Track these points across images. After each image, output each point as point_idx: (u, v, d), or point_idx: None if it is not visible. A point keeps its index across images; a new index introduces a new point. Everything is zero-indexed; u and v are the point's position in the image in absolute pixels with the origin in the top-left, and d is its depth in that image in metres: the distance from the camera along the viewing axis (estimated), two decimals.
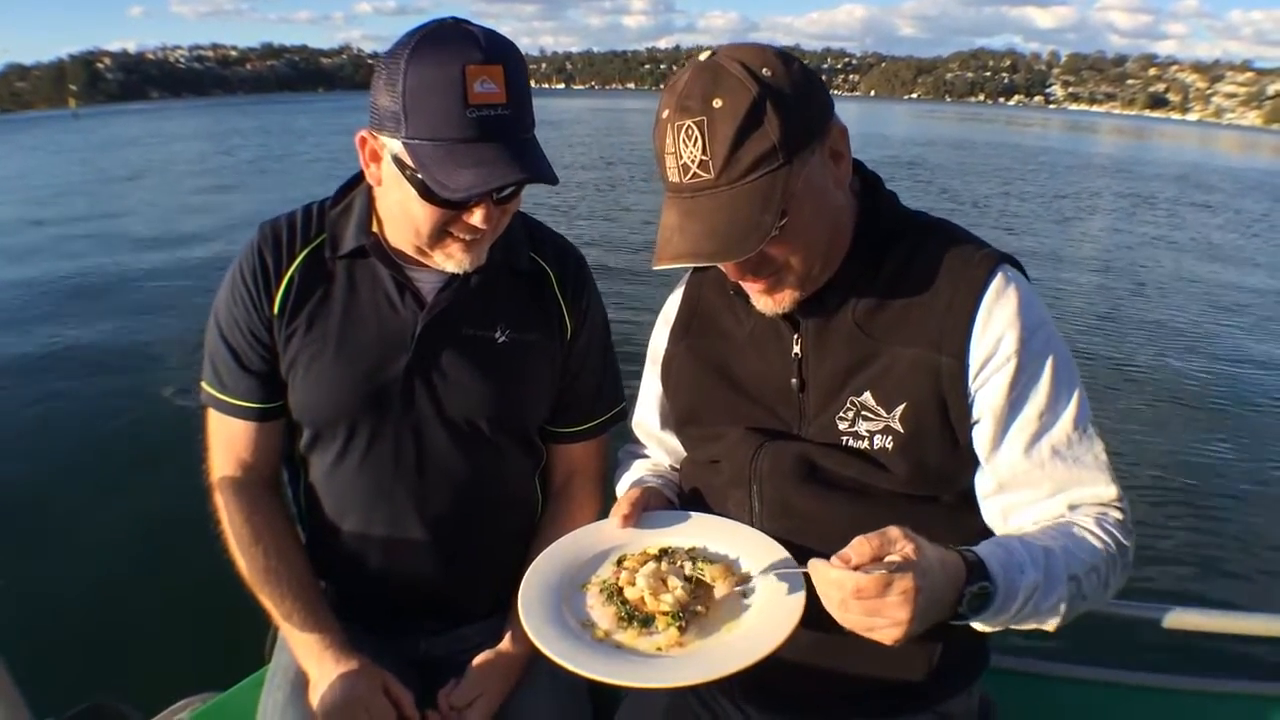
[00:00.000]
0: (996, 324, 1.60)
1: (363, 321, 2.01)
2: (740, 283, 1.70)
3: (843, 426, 1.68)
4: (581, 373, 2.21)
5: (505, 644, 2.12)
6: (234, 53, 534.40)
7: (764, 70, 1.54)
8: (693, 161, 1.54)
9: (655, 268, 1.60)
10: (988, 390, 1.61)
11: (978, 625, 1.51)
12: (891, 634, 1.36)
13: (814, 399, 1.73)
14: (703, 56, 1.59)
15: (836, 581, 1.35)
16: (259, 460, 2.09)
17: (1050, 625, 1.54)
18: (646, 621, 1.58)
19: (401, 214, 1.87)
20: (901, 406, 1.63)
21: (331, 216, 2.05)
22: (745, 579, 1.65)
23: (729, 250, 1.53)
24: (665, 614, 1.57)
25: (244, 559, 2.03)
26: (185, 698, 2.50)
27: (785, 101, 1.54)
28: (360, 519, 2.09)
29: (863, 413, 1.67)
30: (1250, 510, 7.50)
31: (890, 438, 1.64)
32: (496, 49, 1.71)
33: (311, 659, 1.98)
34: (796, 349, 1.75)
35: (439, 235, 1.85)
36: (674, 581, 1.60)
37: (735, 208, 1.53)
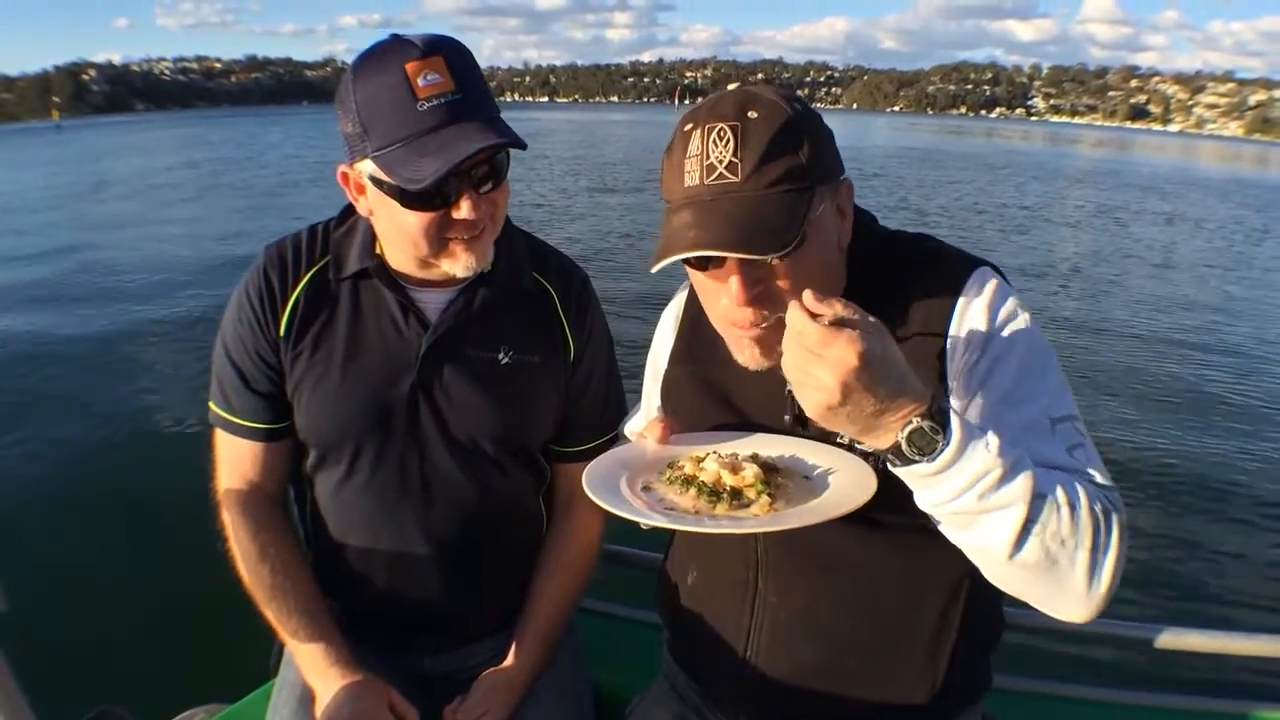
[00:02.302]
0: (967, 325, 1.59)
1: (368, 343, 2.02)
2: (730, 324, 1.65)
3: None
4: (586, 392, 2.21)
5: (510, 660, 2.14)
6: (218, 65, 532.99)
7: (795, 104, 1.55)
8: (720, 162, 1.51)
9: (657, 266, 1.55)
10: (958, 386, 1.58)
11: (918, 490, 1.41)
12: (813, 397, 1.29)
13: (814, 431, 1.70)
14: (731, 87, 1.61)
15: (790, 319, 1.30)
16: (266, 479, 2.10)
17: (1001, 543, 1.37)
18: (736, 495, 1.53)
19: (397, 233, 1.88)
20: None
21: (335, 238, 2.07)
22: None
23: (753, 244, 1.47)
24: (752, 485, 1.53)
25: (251, 576, 2.04)
26: (192, 709, 2.53)
27: (815, 133, 1.56)
28: (366, 538, 2.11)
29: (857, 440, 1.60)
30: (1255, 530, 7.45)
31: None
32: (433, 44, 1.75)
33: (317, 674, 2.00)
34: (789, 385, 1.61)
35: (438, 242, 1.86)
36: (745, 462, 1.59)
37: (760, 211, 1.49)
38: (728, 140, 1.51)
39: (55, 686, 2.50)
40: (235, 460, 2.09)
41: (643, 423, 2.11)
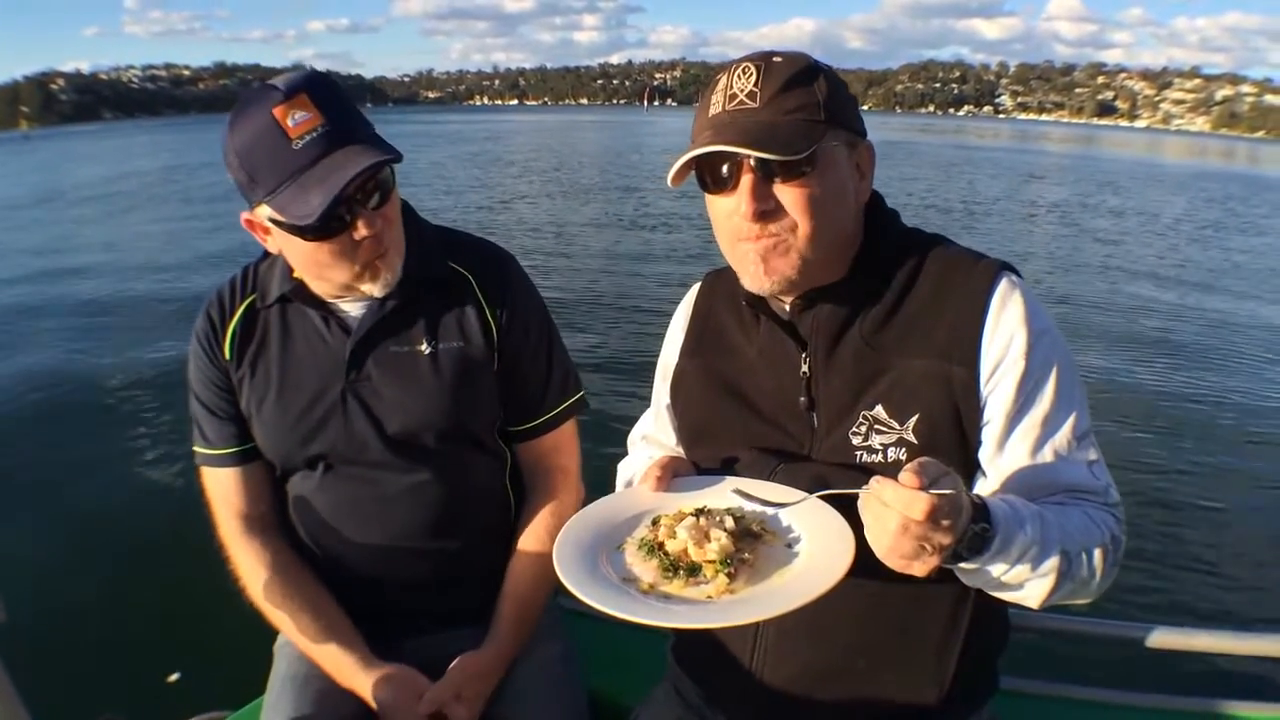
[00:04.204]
0: (1005, 329, 1.63)
1: (298, 360, 2.12)
2: (738, 239, 1.70)
3: (856, 441, 1.69)
4: (520, 366, 2.23)
5: (485, 645, 2.17)
6: (187, 72, 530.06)
7: (820, 63, 1.69)
8: (741, 91, 1.63)
9: (672, 170, 1.67)
10: (998, 394, 1.63)
11: (966, 575, 1.54)
12: (932, 562, 1.36)
13: (824, 417, 1.74)
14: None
15: (908, 500, 1.30)
16: (255, 505, 2.21)
17: (1035, 597, 1.54)
18: (693, 571, 1.54)
19: (309, 264, 1.98)
20: (914, 418, 1.65)
21: (261, 271, 2.18)
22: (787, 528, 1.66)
23: (764, 146, 1.56)
24: (712, 563, 1.53)
25: (266, 604, 2.14)
26: (192, 717, 2.53)
27: (834, 82, 1.67)
28: (333, 535, 2.17)
29: (875, 426, 1.68)
30: (1267, 531, 7.42)
31: (904, 449, 1.65)
32: (295, 83, 1.84)
33: (347, 677, 2.10)
34: (805, 368, 1.76)
35: (350, 266, 1.95)
36: (716, 533, 1.57)
37: (775, 125, 1.59)
38: (750, 75, 1.63)
39: (56, 696, 2.57)
40: (223, 494, 2.21)
41: (653, 423, 2.16)
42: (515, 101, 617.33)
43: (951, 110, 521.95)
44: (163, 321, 13.30)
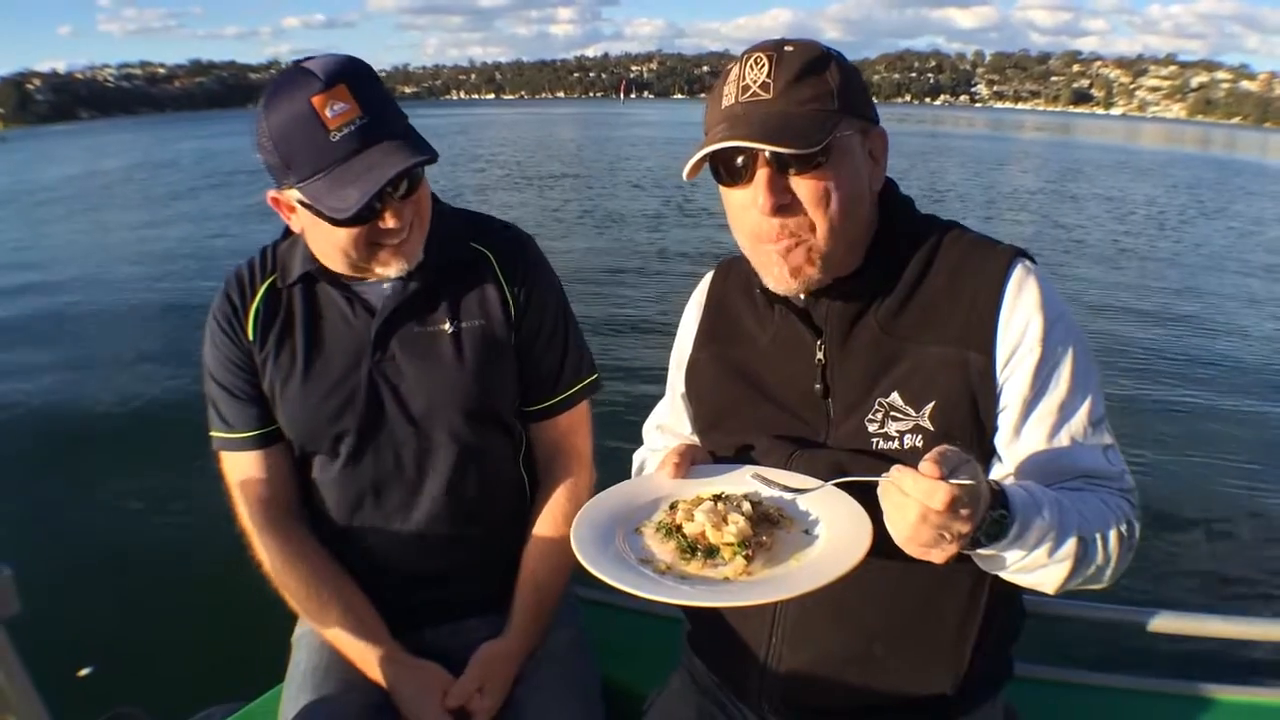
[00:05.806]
0: (1020, 315, 1.63)
1: (322, 340, 2.12)
2: (758, 240, 1.69)
3: (872, 429, 1.69)
4: (537, 344, 2.23)
5: (504, 635, 2.18)
6: (162, 70, 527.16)
7: (832, 50, 1.67)
8: (754, 82, 1.61)
9: (689, 166, 1.66)
10: (1014, 380, 1.63)
11: (983, 561, 1.54)
12: (950, 550, 1.37)
13: (840, 404, 1.74)
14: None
15: (927, 490, 1.30)
16: (276, 491, 2.18)
17: (1051, 582, 1.54)
18: (710, 553, 1.55)
19: (328, 247, 1.97)
20: (930, 405, 1.64)
21: (281, 251, 2.17)
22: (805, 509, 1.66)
23: (779, 139, 1.55)
24: (729, 545, 1.54)
25: (293, 597, 2.14)
26: (208, 708, 2.55)
27: (847, 70, 1.66)
28: (354, 521, 2.18)
29: (891, 413, 1.67)
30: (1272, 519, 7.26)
31: (920, 436, 1.64)
32: (334, 72, 1.82)
33: (371, 668, 2.10)
34: (820, 355, 1.76)
35: (368, 250, 1.95)
36: (734, 517, 1.58)
37: (789, 116, 1.58)
38: (763, 65, 1.61)
39: (71, 687, 2.73)
40: (244, 481, 2.18)
41: (668, 412, 2.16)
42: (492, 96, 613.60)
43: (928, 100, 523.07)
44: (166, 314, 13.35)
